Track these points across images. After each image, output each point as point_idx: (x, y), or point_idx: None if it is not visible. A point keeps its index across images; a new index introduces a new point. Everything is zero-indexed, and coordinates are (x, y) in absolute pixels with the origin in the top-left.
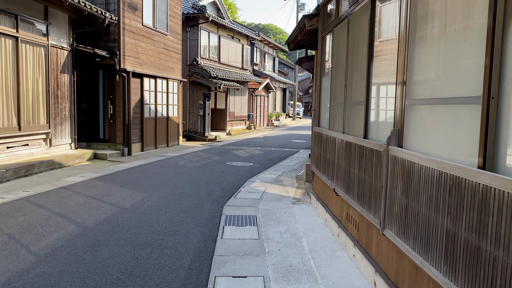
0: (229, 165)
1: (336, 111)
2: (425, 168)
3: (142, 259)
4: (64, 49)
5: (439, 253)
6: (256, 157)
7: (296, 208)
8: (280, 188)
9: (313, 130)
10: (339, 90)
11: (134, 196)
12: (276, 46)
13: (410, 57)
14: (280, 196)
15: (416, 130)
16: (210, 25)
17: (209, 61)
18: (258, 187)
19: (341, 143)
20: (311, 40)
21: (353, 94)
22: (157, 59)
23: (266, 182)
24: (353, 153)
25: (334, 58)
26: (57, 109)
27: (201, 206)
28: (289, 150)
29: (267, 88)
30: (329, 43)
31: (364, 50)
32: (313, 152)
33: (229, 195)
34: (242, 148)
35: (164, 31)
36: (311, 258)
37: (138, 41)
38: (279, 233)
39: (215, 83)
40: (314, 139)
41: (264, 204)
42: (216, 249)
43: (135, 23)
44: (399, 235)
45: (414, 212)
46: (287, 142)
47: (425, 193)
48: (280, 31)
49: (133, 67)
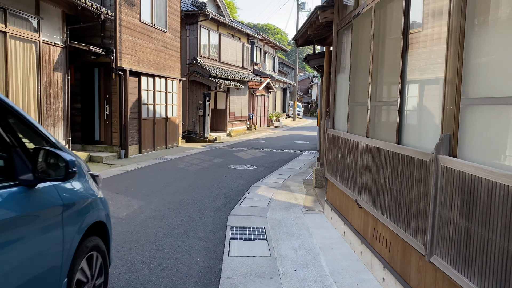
0: (232, 169)
1: (357, 112)
2: (499, 187)
3: (139, 283)
4: (57, 46)
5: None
6: (259, 160)
7: (308, 218)
8: (288, 195)
9: (326, 133)
10: (361, 89)
11: (131, 204)
12: (276, 45)
13: (467, 47)
14: (288, 203)
15: (477, 136)
16: (210, 23)
17: (209, 60)
18: (264, 193)
19: (366, 148)
20: (322, 34)
21: (380, 92)
22: (155, 57)
23: (272, 188)
24: (383, 160)
25: (354, 53)
26: (50, 110)
27: (204, 215)
28: (293, 152)
29: (267, 88)
30: (347, 37)
31: (396, 42)
32: (327, 156)
33: (234, 202)
34: (244, 150)
35: (163, 28)
36: (333, 282)
37: (136, 38)
38: (293, 249)
39: (215, 82)
40: (328, 142)
41: (273, 214)
42: (223, 269)
43: (133, 19)
44: (456, 266)
45: (482, 241)
46: (289, 144)
47: (499, 218)
48: (278, 31)
49: (130, 65)
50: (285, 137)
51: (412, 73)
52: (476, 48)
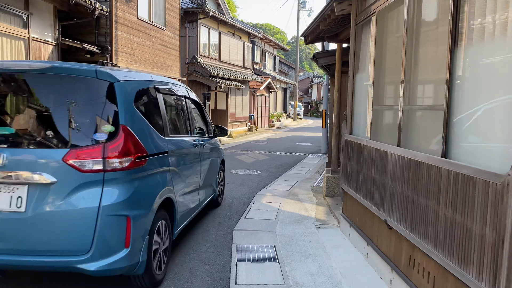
0: (234, 174)
1: (383, 116)
2: None
3: None
4: (48, 43)
5: None
6: (262, 164)
7: (323, 234)
8: (297, 205)
9: (343, 138)
10: (389, 90)
11: None
12: (277, 44)
13: None
14: (299, 216)
15: None
16: (210, 21)
17: (209, 59)
18: (270, 202)
19: (399, 160)
20: (334, 30)
21: (417, 94)
22: (153, 56)
23: (278, 196)
24: (425, 177)
25: (378, 49)
26: None
27: (206, 230)
28: (297, 155)
29: (268, 88)
30: (368, 31)
31: (442, 33)
32: (344, 165)
33: (238, 214)
34: (246, 153)
35: (162, 25)
36: None
37: (133, 36)
38: (310, 275)
39: (215, 82)
40: (346, 150)
41: (282, 228)
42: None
43: (129, 16)
44: None
45: None
46: (292, 146)
47: None
48: (278, 31)
49: (127, 65)
50: (287, 139)
51: (465, 69)
52: None
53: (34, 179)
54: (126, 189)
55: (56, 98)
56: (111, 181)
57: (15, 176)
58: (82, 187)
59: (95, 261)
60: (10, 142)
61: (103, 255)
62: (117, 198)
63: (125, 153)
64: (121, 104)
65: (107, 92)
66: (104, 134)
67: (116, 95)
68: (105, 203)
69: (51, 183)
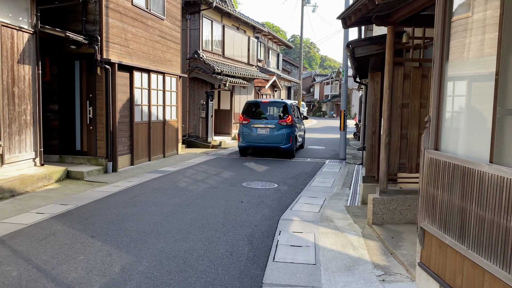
0: (247, 188)
1: None
2: None
3: None
4: (23, 30)
5: None
6: (277, 173)
7: None
8: (338, 237)
9: (425, 155)
10: None
11: (109, 262)
12: (281, 41)
13: None
14: (347, 257)
15: None
16: (213, 13)
17: (212, 55)
18: (301, 233)
19: None
20: (387, 8)
21: None
22: (151, 48)
23: (309, 222)
24: None
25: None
26: (13, 113)
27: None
28: (312, 161)
29: (273, 86)
30: None
31: None
32: (427, 194)
33: (264, 255)
34: (254, 159)
35: (160, 14)
36: None
37: (127, 25)
38: None
39: (219, 79)
40: (429, 172)
41: (331, 282)
42: None
43: (123, 2)
44: None
45: None
46: (304, 149)
47: None
48: (277, 29)
49: (119, 58)
50: None
51: None
52: None
53: (269, 125)
54: (290, 129)
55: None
56: (287, 127)
57: (266, 124)
58: (281, 127)
59: (283, 146)
60: (265, 119)
61: (285, 144)
62: (288, 131)
63: (290, 121)
64: (288, 109)
65: (284, 106)
66: (286, 116)
67: (288, 107)
68: (286, 132)
69: (274, 127)
